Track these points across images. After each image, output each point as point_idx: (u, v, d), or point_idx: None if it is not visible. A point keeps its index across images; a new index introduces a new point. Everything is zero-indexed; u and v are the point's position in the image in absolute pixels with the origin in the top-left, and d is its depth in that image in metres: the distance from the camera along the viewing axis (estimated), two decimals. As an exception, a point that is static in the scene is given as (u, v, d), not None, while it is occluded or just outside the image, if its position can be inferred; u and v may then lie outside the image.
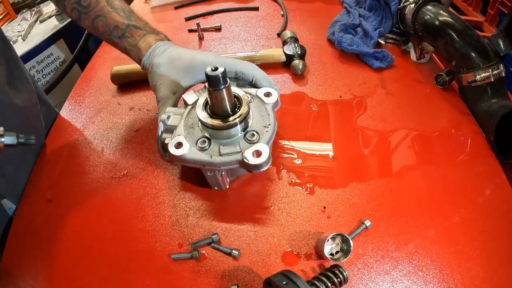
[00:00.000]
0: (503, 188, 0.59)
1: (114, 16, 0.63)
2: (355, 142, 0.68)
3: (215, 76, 0.47)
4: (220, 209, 0.59)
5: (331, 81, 0.82)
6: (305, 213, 0.57)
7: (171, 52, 0.62)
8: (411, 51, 0.87)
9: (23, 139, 0.49)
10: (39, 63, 1.58)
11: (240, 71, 0.61)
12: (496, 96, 0.67)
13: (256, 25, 1.07)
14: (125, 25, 0.63)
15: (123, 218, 0.59)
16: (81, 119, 0.80)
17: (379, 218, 0.55)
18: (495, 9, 1.07)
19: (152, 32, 0.65)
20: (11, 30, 1.77)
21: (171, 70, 0.61)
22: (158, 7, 1.24)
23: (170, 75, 0.61)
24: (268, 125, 0.55)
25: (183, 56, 0.62)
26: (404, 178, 0.61)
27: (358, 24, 0.92)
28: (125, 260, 0.54)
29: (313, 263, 0.51)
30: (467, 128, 0.69)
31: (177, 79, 0.61)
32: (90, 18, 0.64)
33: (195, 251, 0.52)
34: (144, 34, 0.64)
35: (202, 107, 0.54)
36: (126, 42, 0.64)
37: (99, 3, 0.63)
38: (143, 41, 0.63)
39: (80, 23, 0.66)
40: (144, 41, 0.63)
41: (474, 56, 0.68)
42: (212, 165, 0.52)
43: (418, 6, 0.77)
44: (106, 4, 0.63)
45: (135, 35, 0.64)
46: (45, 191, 0.65)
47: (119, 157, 0.69)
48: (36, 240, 0.58)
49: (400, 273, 0.49)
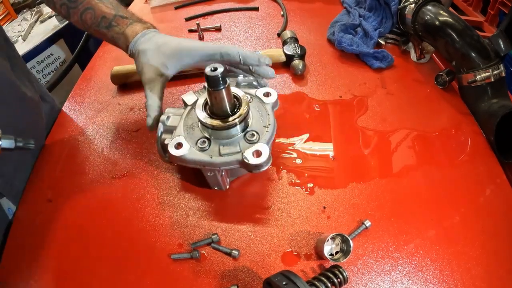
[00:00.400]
0: (503, 188, 0.59)
1: (101, 7, 0.65)
2: (355, 142, 0.68)
3: (214, 77, 0.47)
4: (220, 209, 0.59)
5: (331, 81, 0.82)
6: (305, 213, 0.57)
7: (158, 39, 0.64)
8: (411, 51, 0.87)
9: (22, 143, 0.48)
10: (39, 63, 1.58)
11: (225, 52, 0.61)
12: (496, 96, 0.67)
13: (256, 25, 1.07)
14: (112, 15, 0.65)
15: (123, 218, 0.59)
16: (81, 119, 0.80)
17: (379, 219, 0.55)
18: (495, 9, 1.07)
19: (138, 21, 0.67)
20: (12, 30, 1.77)
21: (157, 56, 0.62)
22: (158, 7, 1.24)
23: (157, 61, 0.62)
24: (268, 125, 0.55)
25: (170, 43, 0.63)
26: (404, 178, 0.61)
27: (358, 24, 0.92)
28: (125, 260, 0.54)
29: (313, 264, 0.51)
30: (467, 128, 0.69)
31: (164, 65, 0.62)
32: (78, 12, 0.65)
33: (195, 251, 0.52)
34: (131, 22, 0.66)
35: (201, 108, 0.54)
36: (113, 31, 0.65)
37: None
38: (129, 29, 0.65)
39: (69, 18, 0.68)
40: (130, 29, 0.65)
41: (474, 56, 0.68)
42: (212, 166, 0.52)
43: (418, 6, 0.77)
44: None
45: (122, 24, 0.65)
46: (45, 191, 0.65)
47: (119, 157, 0.69)
48: (36, 239, 0.58)
49: (400, 274, 0.49)
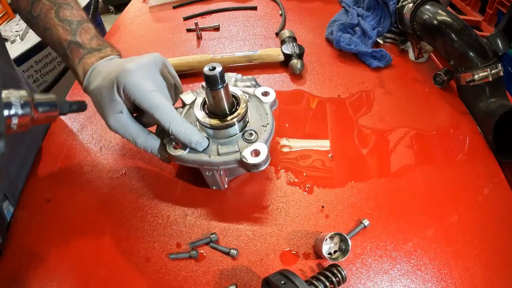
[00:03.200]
0: (501, 187, 0.59)
1: (58, 31, 0.53)
2: (354, 141, 0.68)
3: (213, 76, 0.47)
4: (218, 208, 0.59)
5: (329, 81, 0.82)
6: (303, 212, 0.57)
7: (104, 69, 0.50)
8: (410, 51, 0.87)
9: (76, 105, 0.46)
10: (37, 63, 1.58)
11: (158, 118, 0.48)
12: (495, 96, 0.67)
13: (255, 24, 1.06)
14: (67, 42, 0.53)
15: (122, 218, 0.59)
16: (79, 118, 0.80)
17: (377, 218, 0.55)
18: (494, 9, 1.07)
19: (95, 49, 0.53)
20: (9, 29, 1.76)
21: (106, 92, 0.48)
22: (157, 7, 1.23)
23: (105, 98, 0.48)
24: (266, 124, 0.55)
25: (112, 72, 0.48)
26: (403, 178, 0.61)
27: (357, 23, 0.92)
28: (124, 260, 0.54)
29: (312, 263, 0.51)
30: (465, 127, 0.69)
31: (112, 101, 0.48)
32: (40, 30, 0.56)
33: (194, 251, 0.52)
34: (84, 54, 0.52)
35: (200, 107, 0.54)
36: (69, 63, 0.54)
37: (47, 15, 0.55)
38: (81, 65, 0.52)
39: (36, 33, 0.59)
40: (82, 65, 0.52)
41: (472, 56, 0.68)
42: (211, 165, 0.52)
43: (416, 5, 0.77)
44: (54, 15, 0.54)
45: (75, 56, 0.53)
46: (44, 191, 0.65)
47: (117, 157, 0.69)
48: (35, 239, 0.58)
49: (398, 273, 0.49)
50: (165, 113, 0.47)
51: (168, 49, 0.99)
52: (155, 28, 1.11)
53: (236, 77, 0.66)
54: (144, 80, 0.47)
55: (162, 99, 0.48)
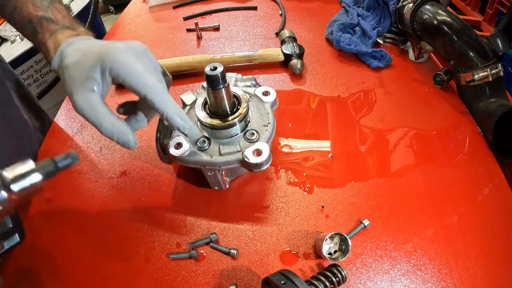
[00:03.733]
0: (501, 187, 0.59)
1: (29, 7, 0.51)
2: (354, 141, 0.68)
3: (214, 76, 0.47)
4: (218, 208, 0.59)
5: (329, 81, 0.82)
6: (303, 212, 0.57)
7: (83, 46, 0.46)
8: (410, 51, 0.87)
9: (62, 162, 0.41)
10: (37, 63, 1.57)
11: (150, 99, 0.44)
12: (494, 96, 0.67)
13: (255, 24, 1.06)
14: (38, 17, 0.50)
15: (122, 218, 0.59)
16: (80, 118, 0.79)
17: (377, 218, 0.55)
18: (494, 9, 1.07)
19: (69, 27, 0.50)
20: (9, 30, 1.76)
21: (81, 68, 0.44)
22: (157, 7, 1.23)
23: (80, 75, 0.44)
24: (267, 124, 0.55)
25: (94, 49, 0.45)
26: (403, 178, 0.61)
27: (357, 23, 0.92)
28: (124, 259, 0.54)
29: (312, 263, 0.51)
30: (465, 127, 0.69)
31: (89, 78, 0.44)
32: (9, 11, 0.53)
33: (194, 251, 0.52)
34: (57, 29, 0.49)
35: (201, 107, 0.54)
36: (37, 40, 0.50)
37: None
38: (53, 39, 0.48)
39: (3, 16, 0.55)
40: (53, 39, 0.48)
41: (472, 56, 0.68)
42: (213, 165, 0.52)
43: (416, 5, 0.77)
44: None
45: (46, 30, 0.49)
46: (44, 191, 0.64)
47: (118, 157, 0.69)
48: (35, 239, 0.58)
49: (398, 272, 0.49)
50: (159, 94, 0.43)
51: (168, 49, 0.98)
52: (155, 28, 1.11)
53: (236, 77, 0.66)
54: (135, 59, 0.44)
55: (154, 80, 0.44)
